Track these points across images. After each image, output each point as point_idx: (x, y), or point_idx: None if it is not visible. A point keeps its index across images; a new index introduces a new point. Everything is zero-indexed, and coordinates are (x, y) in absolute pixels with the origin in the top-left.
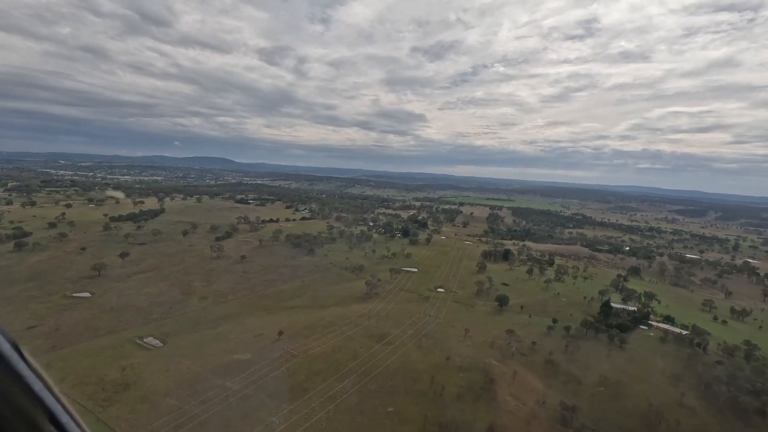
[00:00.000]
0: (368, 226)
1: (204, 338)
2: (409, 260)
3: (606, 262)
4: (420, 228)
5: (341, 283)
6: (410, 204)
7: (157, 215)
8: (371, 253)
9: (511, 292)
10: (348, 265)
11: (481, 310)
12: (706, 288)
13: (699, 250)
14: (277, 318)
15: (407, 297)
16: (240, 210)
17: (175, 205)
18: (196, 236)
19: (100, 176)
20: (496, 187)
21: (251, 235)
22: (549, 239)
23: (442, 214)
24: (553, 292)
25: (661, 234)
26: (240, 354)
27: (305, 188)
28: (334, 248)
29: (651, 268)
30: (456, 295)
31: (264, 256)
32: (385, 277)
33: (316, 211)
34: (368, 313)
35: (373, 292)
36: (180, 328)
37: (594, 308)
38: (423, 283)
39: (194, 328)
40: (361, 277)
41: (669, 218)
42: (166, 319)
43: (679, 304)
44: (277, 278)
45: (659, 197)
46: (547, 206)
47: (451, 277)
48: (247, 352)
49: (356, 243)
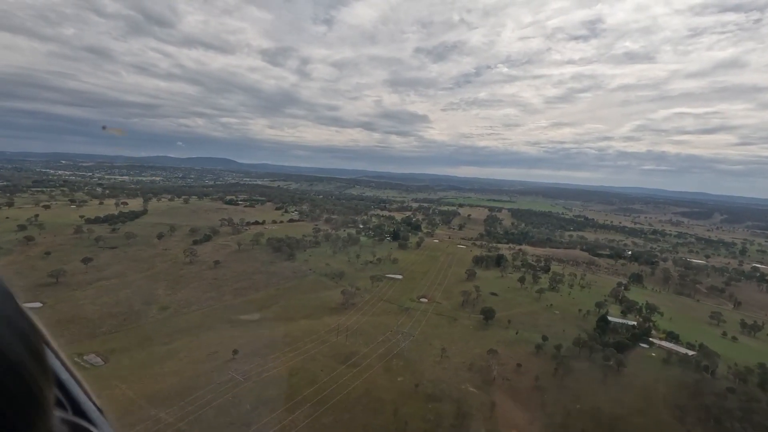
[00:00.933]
0: (357, 228)
1: (151, 356)
2: (395, 266)
3: (606, 268)
4: (412, 231)
5: (317, 292)
6: (408, 205)
7: (137, 217)
8: (355, 259)
9: (499, 304)
10: (328, 272)
11: (465, 325)
12: (713, 297)
13: (704, 255)
14: (239, 332)
15: (386, 308)
16: (227, 212)
17: (160, 207)
18: (172, 239)
19: (98, 176)
20: (499, 189)
21: (232, 238)
22: (547, 243)
23: (439, 216)
24: (546, 303)
25: (665, 237)
26: (186, 377)
27: (304, 189)
28: (317, 253)
29: (654, 275)
30: (439, 306)
31: (240, 262)
32: (366, 285)
33: (306, 213)
34: (339, 327)
35: (349, 303)
36: (129, 343)
37: (590, 322)
38: (406, 292)
39: (144, 343)
40: (340, 285)
41: (673, 220)
42: (117, 332)
43: (683, 316)
44: (248, 286)
45: (663, 199)
46: (549, 208)
47: (437, 286)
48: (194, 374)
49: (341, 247)
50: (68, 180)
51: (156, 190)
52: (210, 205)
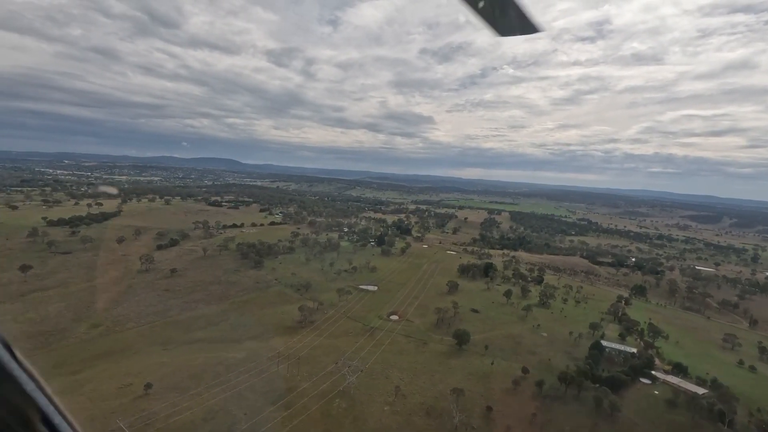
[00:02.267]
0: (342, 232)
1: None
2: (372, 275)
3: (607, 278)
4: (401, 235)
5: (276, 306)
6: (405, 207)
7: (107, 219)
8: (329, 267)
9: (479, 324)
10: (294, 282)
11: (434, 350)
12: (726, 314)
13: (714, 262)
14: (169, 357)
15: (348, 328)
16: (208, 213)
17: (138, 208)
18: (135, 244)
19: (96, 176)
20: (503, 191)
21: (201, 242)
22: (545, 249)
23: (434, 219)
24: (533, 323)
25: (671, 242)
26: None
27: (303, 190)
28: (289, 260)
29: (659, 287)
30: (410, 325)
31: (200, 270)
32: (332, 298)
33: (290, 216)
34: (287, 351)
35: (308, 320)
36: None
37: (582, 348)
38: (376, 307)
39: (52, 372)
40: (305, 298)
41: (681, 224)
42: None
43: (692, 339)
44: (201, 298)
45: (670, 202)
46: (552, 210)
47: (413, 300)
48: (88, 416)
49: (318, 254)
50: (60, 179)
51: (142, 190)
52: (192, 207)
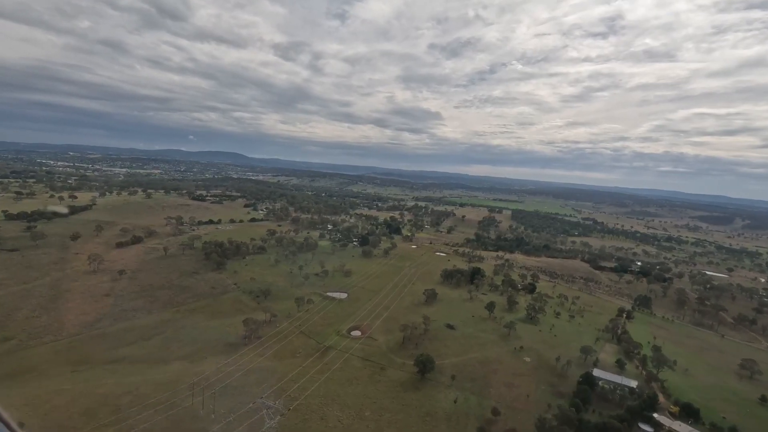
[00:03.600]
0: (326, 231)
1: None
2: (345, 280)
3: (608, 286)
4: (389, 234)
5: (227, 317)
6: (402, 204)
7: (75, 213)
8: (298, 270)
9: (451, 343)
10: (254, 288)
11: (392, 379)
12: (742, 330)
13: (726, 268)
14: (73, 383)
15: (298, 345)
16: (189, 208)
17: (115, 201)
18: (94, 241)
19: (97, 168)
20: (509, 188)
21: (168, 240)
22: (544, 251)
23: (431, 217)
24: (516, 343)
25: (680, 245)
26: None
27: (305, 184)
28: (257, 262)
29: (666, 297)
30: (372, 344)
31: (154, 272)
32: (290, 308)
33: (274, 212)
34: (215, 376)
35: (254, 335)
36: None
37: (569, 380)
38: (338, 320)
39: None
40: (261, 307)
41: (691, 225)
42: None
43: (704, 365)
44: (143, 306)
45: (680, 202)
46: (557, 209)
47: (384, 311)
48: None
49: (291, 254)
50: (54, 171)
51: (128, 183)
52: (174, 201)
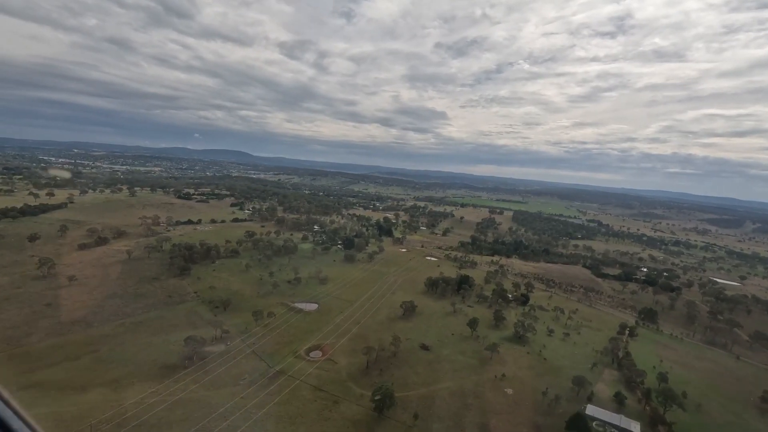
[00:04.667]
0: (311, 232)
1: None
2: (319, 289)
3: (610, 296)
4: (382, 236)
5: (175, 331)
6: (400, 204)
7: (46, 211)
8: (268, 277)
9: (423, 369)
10: (215, 297)
11: (344, 416)
12: (760, 350)
13: (739, 275)
14: None
15: (245, 369)
16: (172, 207)
17: (95, 199)
18: (56, 242)
19: (98, 165)
20: (514, 188)
21: (136, 242)
22: (543, 255)
23: (428, 218)
24: (498, 370)
25: (689, 249)
26: None
27: (306, 183)
28: (227, 266)
29: (674, 309)
30: (330, 368)
31: (108, 278)
32: (247, 322)
33: (258, 212)
34: (132, 410)
35: (197, 356)
36: None
37: (557, 419)
38: (298, 337)
39: None
40: (218, 319)
41: (699, 228)
42: None
43: (719, 396)
44: (83, 317)
45: (688, 204)
46: (561, 210)
47: (353, 325)
48: None
49: (266, 258)
50: (47, 168)
51: (115, 181)
52: (158, 199)
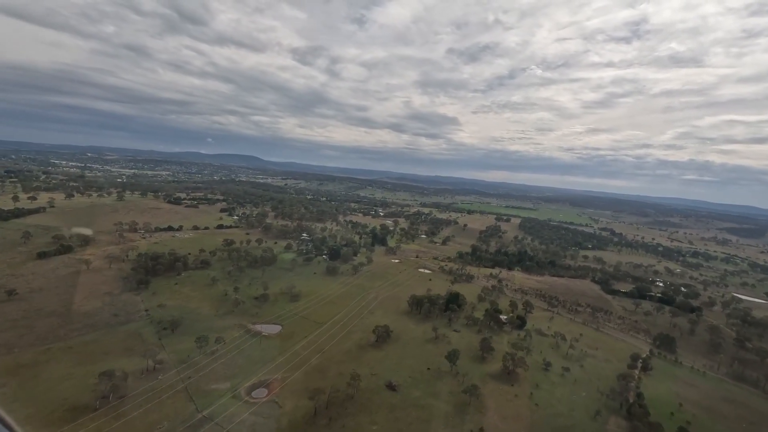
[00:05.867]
0: (297, 241)
1: None
2: (289, 306)
3: (621, 318)
4: (375, 244)
5: (105, 361)
6: (403, 211)
7: (20, 215)
8: (233, 292)
9: (383, 417)
10: (166, 317)
11: None
12: None
13: (765, 292)
14: None
15: (166, 413)
16: (158, 212)
17: (78, 203)
18: (16, 250)
19: (106, 169)
20: (525, 195)
21: (102, 250)
22: (549, 268)
23: (429, 225)
24: (475, 421)
25: (709, 261)
26: None
27: (313, 188)
28: (192, 279)
29: (695, 334)
30: (271, 413)
31: (55, 292)
32: (189, 350)
33: (249, 218)
34: None
35: (115, 395)
36: None
37: None
38: (245, 370)
39: None
40: (159, 344)
41: (719, 238)
42: None
43: None
44: (6, 341)
45: (706, 212)
46: (573, 218)
47: (314, 354)
48: None
49: (238, 270)
50: (49, 171)
51: (107, 184)
52: (145, 204)
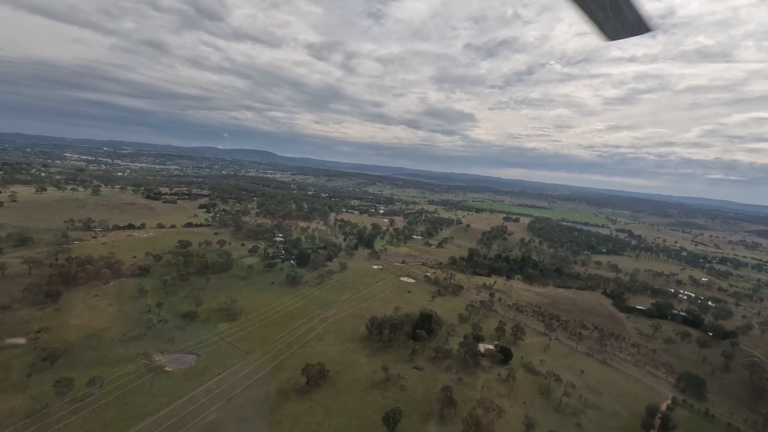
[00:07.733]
0: (268, 243)
1: None
2: (220, 327)
3: (635, 345)
4: (359, 247)
5: None
6: (404, 209)
7: None
8: (156, 309)
9: None
10: (52, 343)
11: None
12: None
13: None
14: None
15: None
16: (133, 208)
17: (47, 198)
18: None
19: (116, 163)
20: (541, 193)
21: (35, 252)
22: (554, 276)
23: (427, 225)
24: None
25: (738, 268)
26: None
27: (321, 184)
28: (120, 289)
29: (729, 371)
30: None
31: None
32: (46, 395)
33: (226, 215)
34: None
35: None
36: None
37: None
38: (118, 422)
39: None
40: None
41: (747, 242)
42: None
43: None
44: None
45: (733, 213)
46: (589, 218)
47: (218, 402)
48: None
49: (181, 279)
50: (47, 164)
51: (91, 177)
52: (120, 199)
